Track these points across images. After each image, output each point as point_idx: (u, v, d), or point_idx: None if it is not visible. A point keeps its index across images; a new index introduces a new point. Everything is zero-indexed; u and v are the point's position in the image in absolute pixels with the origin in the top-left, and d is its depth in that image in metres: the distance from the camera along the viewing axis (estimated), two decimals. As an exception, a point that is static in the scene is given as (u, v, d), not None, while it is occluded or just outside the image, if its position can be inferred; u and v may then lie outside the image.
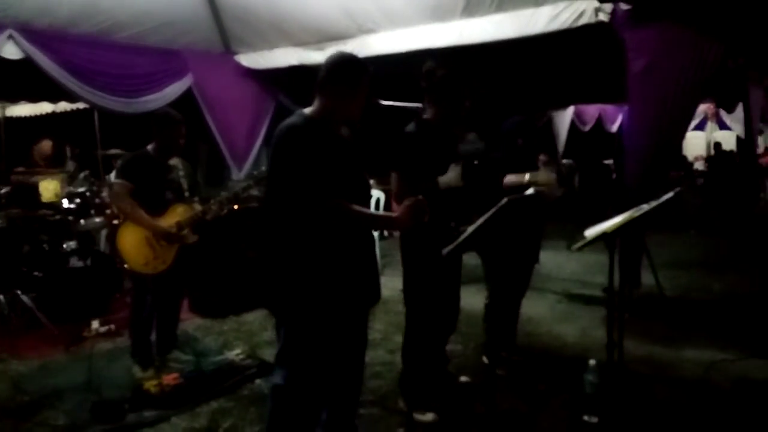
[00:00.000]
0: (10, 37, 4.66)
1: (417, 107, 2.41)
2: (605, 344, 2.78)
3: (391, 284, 4.09)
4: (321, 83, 2.25)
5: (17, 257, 4.74)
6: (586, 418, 3.04)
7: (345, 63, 2.27)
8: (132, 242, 3.52)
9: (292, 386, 2.25)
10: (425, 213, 2.18)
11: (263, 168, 3.81)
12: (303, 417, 2.29)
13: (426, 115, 3.07)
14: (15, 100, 7.62)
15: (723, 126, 12.77)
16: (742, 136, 11.69)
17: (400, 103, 2.40)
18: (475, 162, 3.00)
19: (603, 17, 3.91)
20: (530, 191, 2.36)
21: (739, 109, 9.53)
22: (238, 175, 6.37)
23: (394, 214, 2.27)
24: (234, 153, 6.37)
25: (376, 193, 6.92)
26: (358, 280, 2.28)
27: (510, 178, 3.39)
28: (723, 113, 11.93)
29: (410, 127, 3.02)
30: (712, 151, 12.09)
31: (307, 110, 2.27)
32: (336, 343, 2.28)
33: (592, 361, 3.13)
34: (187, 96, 5.87)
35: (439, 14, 4.67)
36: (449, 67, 3.02)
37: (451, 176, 2.86)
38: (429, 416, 3.12)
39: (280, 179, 2.16)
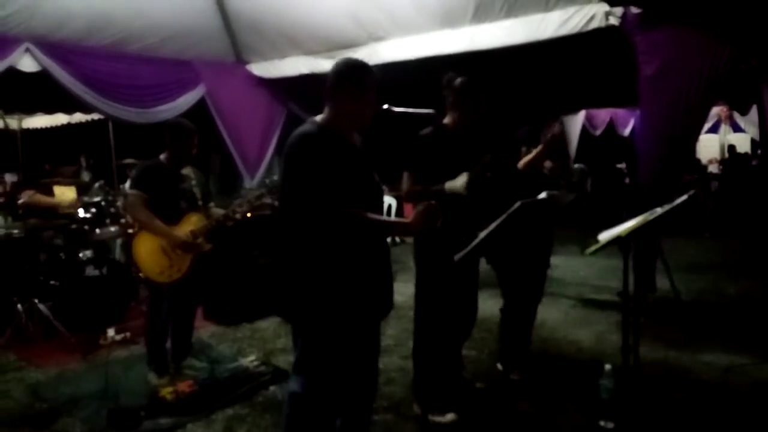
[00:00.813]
0: (27, 50, 4.74)
1: (429, 113, 2.41)
2: (620, 349, 2.75)
3: (404, 290, 4.08)
4: (329, 91, 2.25)
5: (34, 266, 4.79)
6: (602, 423, 3.01)
7: (350, 69, 2.27)
8: (148, 251, 3.55)
9: (310, 394, 2.25)
10: (438, 218, 2.18)
11: (275, 177, 3.83)
12: (320, 425, 2.29)
13: (445, 121, 3.12)
14: (31, 112, 7.74)
15: (737, 128, 12.64)
16: (757, 138, 11.58)
17: (411, 109, 2.39)
18: (488, 174, 3.00)
19: (613, 21, 3.90)
20: (542, 195, 2.36)
21: (753, 111, 9.43)
22: (251, 183, 6.41)
23: (406, 220, 2.26)
24: (246, 162, 6.42)
25: (388, 200, 6.95)
26: (373, 288, 2.28)
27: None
28: (737, 115, 11.81)
29: (427, 129, 3.05)
30: (726, 154, 11.97)
31: (319, 118, 2.28)
32: (352, 351, 2.28)
33: (607, 366, 3.11)
34: (200, 106, 5.93)
35: (449, 21, 4.69)
36: (468, 75, 3.06)
37: (457, 183, 2.88)
38: (449, 417, 3.11)
39: (293, 188, 2.16)
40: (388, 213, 6.85)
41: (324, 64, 5.56)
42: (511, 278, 3.69)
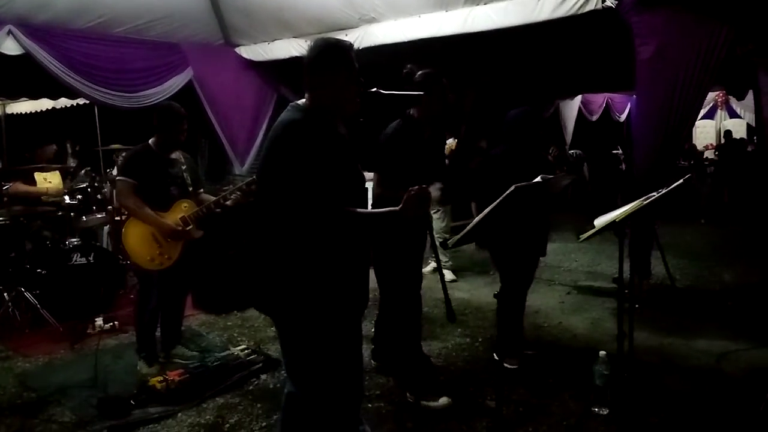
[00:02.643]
0: (10, 32, 4.62)
1: (419, 95, 2.34)
2: (615, 335, 2.73)
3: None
4: (309, 76, 2.10)
5: (20, 254, 4.71)
6: (596, 409, 3.01)
7: (330, 49, 2.11)
8: (138, 239, 3.49)
9: (307, 396, 2.16)
10: (429, 203, 2.10)
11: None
12: (320, 425, 2.19)
13: (412, 113, 3.10)
14: (15, 96, 7.58)
15: (733, 114, 12.64)
16: (753, 123, 11.54)
17: (401, 91, 2.31)
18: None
19: (610, 3, 3.84)
20: (538, 179, 2.30)
21: (750, 97, 9.40)
22: (240, 169, 6.32)
23: (396, 208, 2.11)
24: (236, 147, 6.32)
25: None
26: (355, 281, 2.16)
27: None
28: (733, 101, 11.78)
29: (392, 128, 3.05)
30: (722, 140, 11.95)
31: (302, 102, 2.13)
32: (341, 347, 2.15)
33: (602, 353, 3.09)
34: (187, 90, 5.82)
35: (443, 2, 4.60)
36: (427, 66, 3.03)
37: (432, 195, 2.83)
38: (442, 401, 3.12)
39: (280, 183, 2.00)
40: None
41: (315, 47, 5.45)
42: (507, 264, 3.65)
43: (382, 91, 2.25)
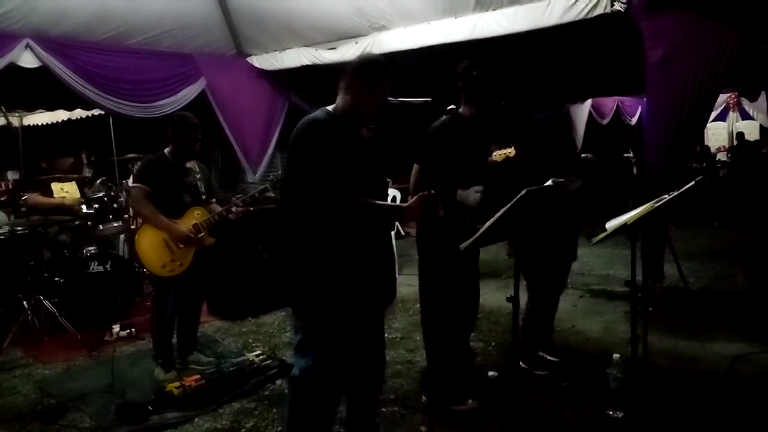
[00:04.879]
0: (27, 46, 4.71)
1: (427, 101, 2.35)
2: (629, 338, 2.73)
3: (410, 283, 4.07)
4: (346, 81, 2.26)
5: (39, 263, 4.78)
6: (610, 412, 3.00)
7: (371, 63, 2.29)
8: (150, 245, 3.54)
9: (309, 375, 2.26)
10: (437, 207, 2.16)
11: (279, 172, 3.81)
12: (320, 408, 2.29)
13: (461, 110, 3.02)
14: (32, 108, 7.71)
15: (745, 115, 12.52)
16: (766, 125, 11.45)
17: (409, 99, 2.35)
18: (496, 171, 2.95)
19: (619, 6, 3.85)
20: (549, 182, 2.31)
21: (762, 98, 9.34)
22: (253, 177, 6.37)
23: (403, 204, 2.26)
24: (248, 155, 6.37)
25: (392, 192, 6.90)
26: (372, 275, 2.27)
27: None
28: (745, 102, 11.69)
29: (441, 121, 2.96)
30: (735, 142, 11.85)
31: (331, 107, 2.29)
32: (351, 337, 2.27)
33: (616, 356, 3.09)
34: (201, 99, 5.90)
35: (452, 9, 4.64)
36: (485, 65, 2.97)
37: (469, 198, 2.81)
38: (470, 403, 3.12)
39: (295, 173, 2.17)
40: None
41: (326, 55, 5.51)
42: (536, 270, 3.61)
43: (390, 99, 2.29)
